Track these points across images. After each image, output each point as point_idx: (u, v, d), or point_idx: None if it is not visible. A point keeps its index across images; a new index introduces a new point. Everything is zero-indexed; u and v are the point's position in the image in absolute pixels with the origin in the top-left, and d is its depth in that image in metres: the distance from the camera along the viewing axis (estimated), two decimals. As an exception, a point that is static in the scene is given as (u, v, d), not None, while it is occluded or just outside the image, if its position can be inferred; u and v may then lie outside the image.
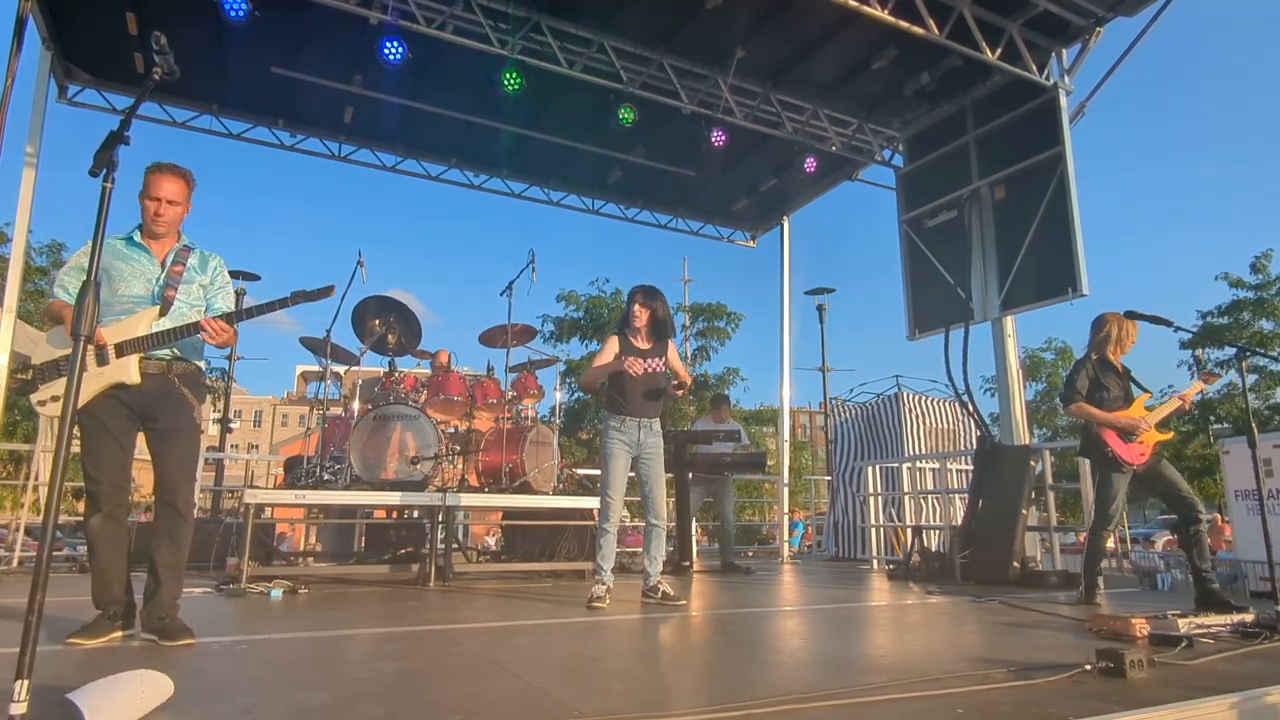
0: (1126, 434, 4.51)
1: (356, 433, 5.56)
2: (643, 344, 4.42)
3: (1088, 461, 6.15)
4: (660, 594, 4.29)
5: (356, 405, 5.93)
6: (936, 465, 9.37)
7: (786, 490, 9.95)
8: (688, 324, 23.43)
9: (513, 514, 6.65)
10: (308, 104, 8.02)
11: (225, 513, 9.26)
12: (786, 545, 9.71)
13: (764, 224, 10.74)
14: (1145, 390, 4.70)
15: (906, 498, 8.72)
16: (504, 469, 5.97)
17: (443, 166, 9.23)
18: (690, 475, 7.39)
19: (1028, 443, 7.35)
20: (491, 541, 11.38)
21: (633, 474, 4.46)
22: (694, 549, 7.67)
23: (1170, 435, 4.79)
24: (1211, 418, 19.32)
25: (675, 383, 4.49)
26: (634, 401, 4.31)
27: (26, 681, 1.63)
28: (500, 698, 2.08)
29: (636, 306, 4.42)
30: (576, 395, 21.35)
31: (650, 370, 4.34)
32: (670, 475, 7.94)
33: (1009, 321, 7.50)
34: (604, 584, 4.18)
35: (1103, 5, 6.62)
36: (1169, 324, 4.31)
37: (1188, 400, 4.73)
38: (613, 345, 4.36)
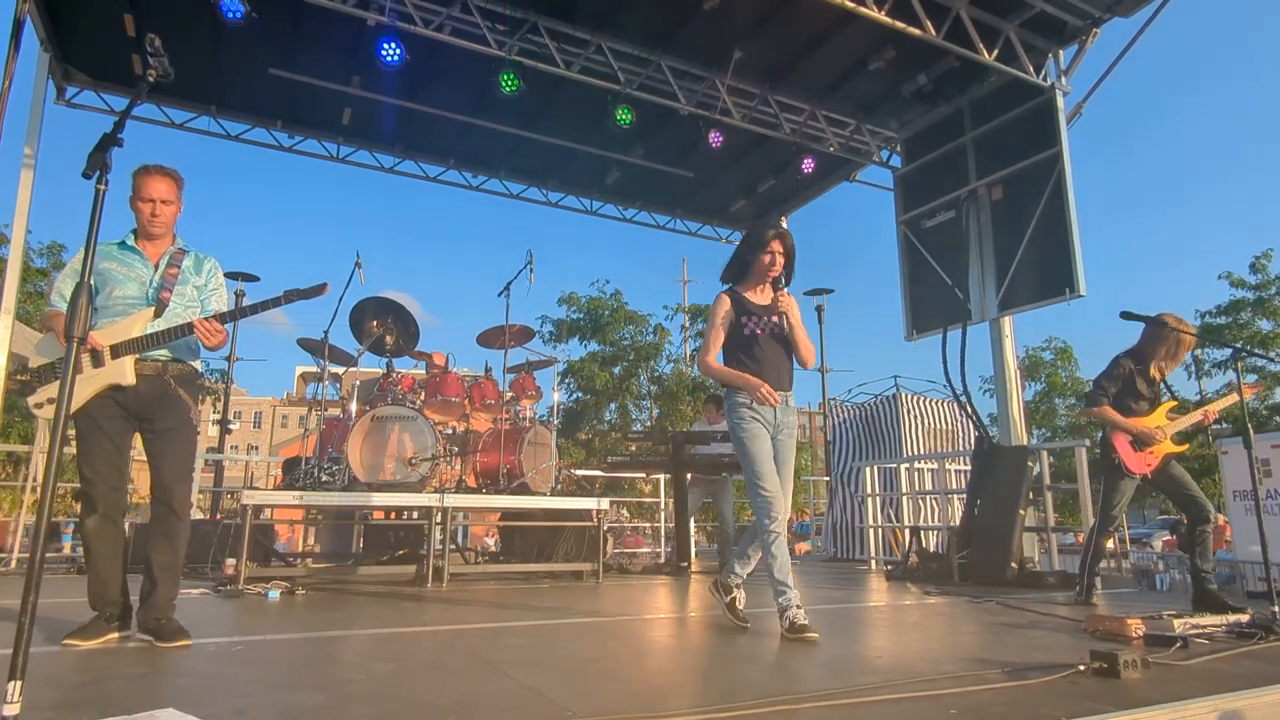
0: (1139, 442, 4.41)
1: (354, 434, 5.56)
2: (762, 298, 3.50)
3: (1085, 461, 6.16)
4: (788, 624, 3.20)
5: (354, 406, 5.93)
6: (935, 466, 9.37)
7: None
8: (687, 325, 23.46)
9: (511, 515, 6.65)
10: (306, 105, 8.03)
11: (228, 513, 9.26)
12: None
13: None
14: (1175, 397, 4.60)
15: (905, 498, 8.73)
16: (502, 470, 5.96)
17: (441, 167, 9.25)
18: (690, 476, 7.38)
19: (1026, 443, 7.35)
20: (490, 542, 11.38)
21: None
22: (692, 550, 7.67)
23: (1186, 448, 4.66)
24: (1217, 424, 19.30)
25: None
26: (766, 371, 3.38)
27: (20, 682, 1.63)
28: (495, 698, 2.08)
29: (775, 247, 3.41)
30: (575, 396, 21.38)
31: (777, 332, 3.45)
32: (669, 476, 7.98)
33: (1007, 322, 7.51)
34: (798, 605, 3.23)
35: (1099, 6, 6.63)
36: (1165, 324, 4.31)
37: (1210, 415, 4.55)
38: (724, 308, 3.47)
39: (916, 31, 6.33)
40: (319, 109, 8.07)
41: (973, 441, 7.58)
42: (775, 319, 3.43)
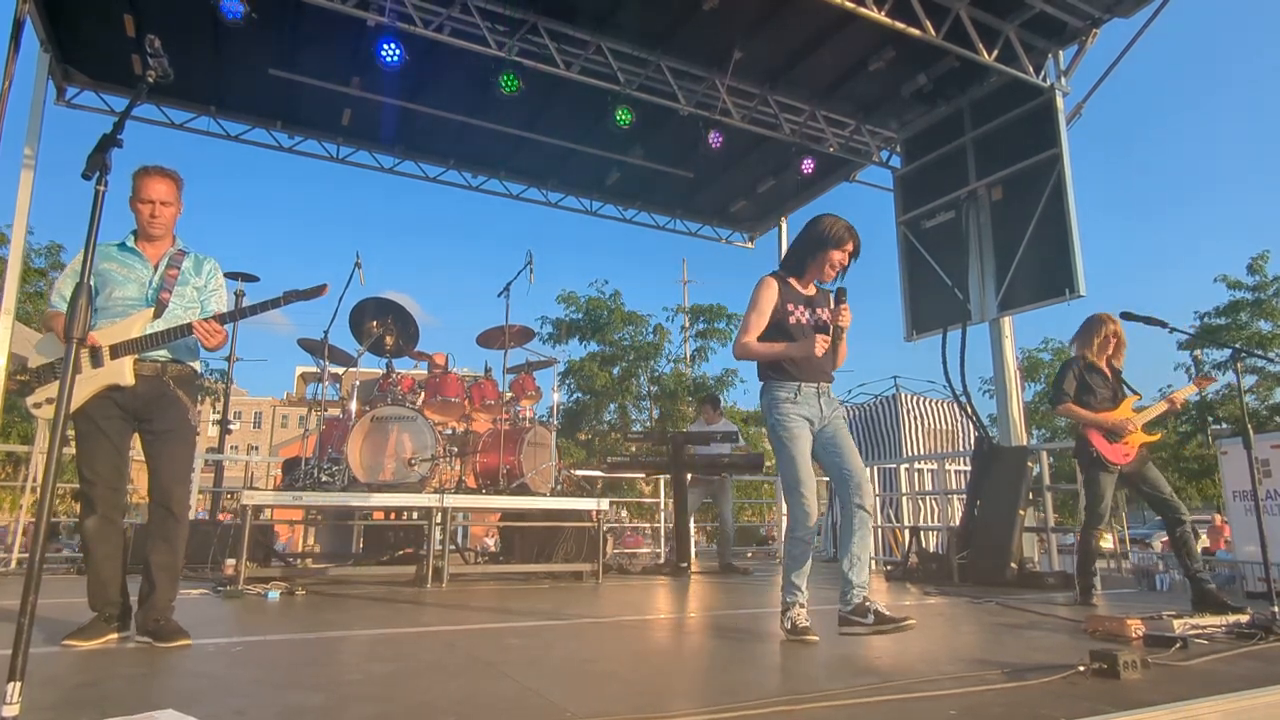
0: (1112, 434, 4.55)
1: (354, 434, 5.56)
2: (808, 289, 3.35)
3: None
4: (874, 616, 2.94)
5: (354, 406, 5.93)
6: (934, 466, 9.38)
7: (785, 491, 9.94)
8: (687, 325, 23.46)
9: (510, 515, 6.65)
10: (306, 106, 8.03)
11: (233, 514, 9.26)
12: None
13: (762, 225, 10.75)
14: (1135, 392, 4.73)
15: (905, 498, 8.73)
16: (501, 470, 5.96)
17: (441, 168, 9.25)
18: (689, 477, 7.39)
19: (1025, 444, 7.35)
20: (490, 543, 11.39)
21: None
22: (692, 550, 7.67)
23: (1158, 436, 4.83)
24: (1210, 419, 19.32)
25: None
26: (811, 362, 3.15)
27: (19, 683, 1.63)
28: (494, 699, 2.08)
29: (849, 248, 3.24)
30: (575, 396, 21.39)
31: (822, 326, 3.24)
32: (668, 476, 7.98)
33: (1006, 322, 7.51)
34: (802, 604, 3.11)
35: (1099, 6, 6.62)
36: (1164, 325, 4.31)
37: (1178, 402, 4.77)
38: (770, 294, 3.24)
39: (916, 32, 6.32)
40: (319, 109, 8.06)
41: (972, 442, 7.59)
42: (822, 313, 3.25)
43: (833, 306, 3.24)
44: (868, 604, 2.96)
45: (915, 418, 10.48)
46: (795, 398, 3.15)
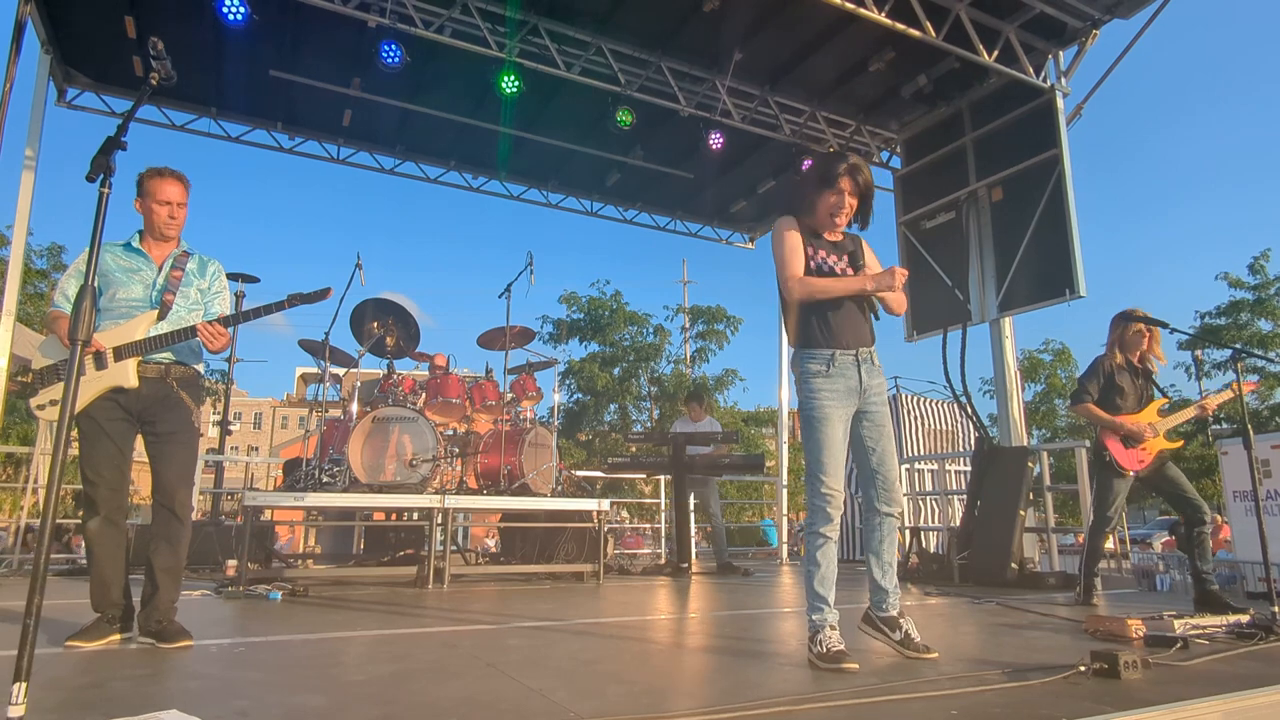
0: (1129, 439, 4.46)
1: (355, 435, 5.57)
2: (836, 235, 2.86)
3: (1086, 461, 6.17)
4: (902, 635, 2.71)
5: (355, 407, 5.93)
6: (935, 466, 9.38)
7: (785, 492, 9.96)
8: (687, 325, 23.47)
9: (511, 516, 6.66)
10: (306, 107, 8.03)
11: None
12: (785, 546, 9.73)
13: (762, 226, 10.76)
14: (1164, 395, 4.63)
15: (905, 499, 8.73)
16: (502, 471, 5.97)
17: (441, 169, 9.25)
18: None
19: (1026, 444, 7.36)
20: (491, 543, 11.39)
21: None
22: (693, 551, 7.68)
23: (1179, 444, 4.67)
24: (1210, 419, 19.33)
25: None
26: (847, 324, 2.74)
27: (25, 684, 1.63)
28: (497, 699, 2.09)
29: (845, 185, 2.74)
30: (575, 397, 21.39)
31: (851, 273, 2.81)
32: (668, 477, 7.98)
33: (1007, 323, 7.51)
34: (833, 625, 2.59)
35: (1099, 7, 6.63)
36: (1164, 325, 4.31)
37: (1210, 408, 4.56)
38: (794, 237, 2.76)
39: (916, 33, 6.33)
40: (319, 110, 8.07)
41: (973, 442, 7.59)
42: (847, 260, 2.80)
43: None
44: (901, 620, 2.73)
45: (915, 418, 10.48)
46: (829, 370, 2.69)
